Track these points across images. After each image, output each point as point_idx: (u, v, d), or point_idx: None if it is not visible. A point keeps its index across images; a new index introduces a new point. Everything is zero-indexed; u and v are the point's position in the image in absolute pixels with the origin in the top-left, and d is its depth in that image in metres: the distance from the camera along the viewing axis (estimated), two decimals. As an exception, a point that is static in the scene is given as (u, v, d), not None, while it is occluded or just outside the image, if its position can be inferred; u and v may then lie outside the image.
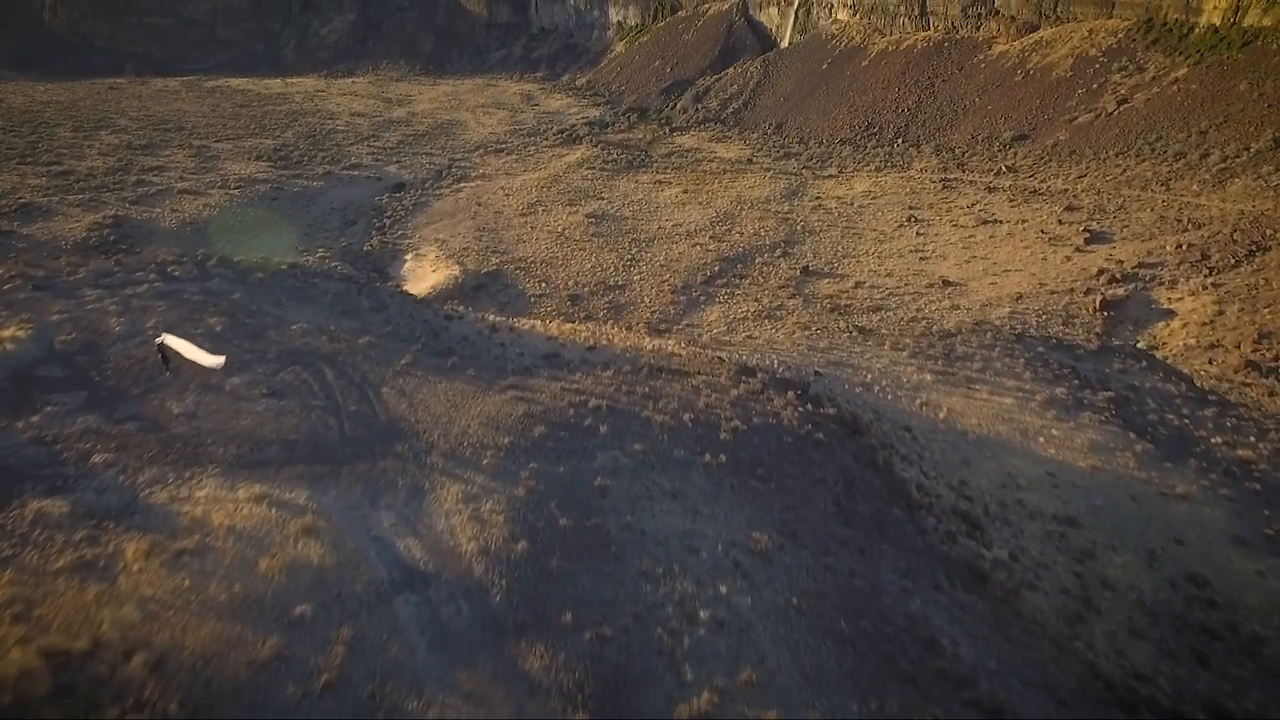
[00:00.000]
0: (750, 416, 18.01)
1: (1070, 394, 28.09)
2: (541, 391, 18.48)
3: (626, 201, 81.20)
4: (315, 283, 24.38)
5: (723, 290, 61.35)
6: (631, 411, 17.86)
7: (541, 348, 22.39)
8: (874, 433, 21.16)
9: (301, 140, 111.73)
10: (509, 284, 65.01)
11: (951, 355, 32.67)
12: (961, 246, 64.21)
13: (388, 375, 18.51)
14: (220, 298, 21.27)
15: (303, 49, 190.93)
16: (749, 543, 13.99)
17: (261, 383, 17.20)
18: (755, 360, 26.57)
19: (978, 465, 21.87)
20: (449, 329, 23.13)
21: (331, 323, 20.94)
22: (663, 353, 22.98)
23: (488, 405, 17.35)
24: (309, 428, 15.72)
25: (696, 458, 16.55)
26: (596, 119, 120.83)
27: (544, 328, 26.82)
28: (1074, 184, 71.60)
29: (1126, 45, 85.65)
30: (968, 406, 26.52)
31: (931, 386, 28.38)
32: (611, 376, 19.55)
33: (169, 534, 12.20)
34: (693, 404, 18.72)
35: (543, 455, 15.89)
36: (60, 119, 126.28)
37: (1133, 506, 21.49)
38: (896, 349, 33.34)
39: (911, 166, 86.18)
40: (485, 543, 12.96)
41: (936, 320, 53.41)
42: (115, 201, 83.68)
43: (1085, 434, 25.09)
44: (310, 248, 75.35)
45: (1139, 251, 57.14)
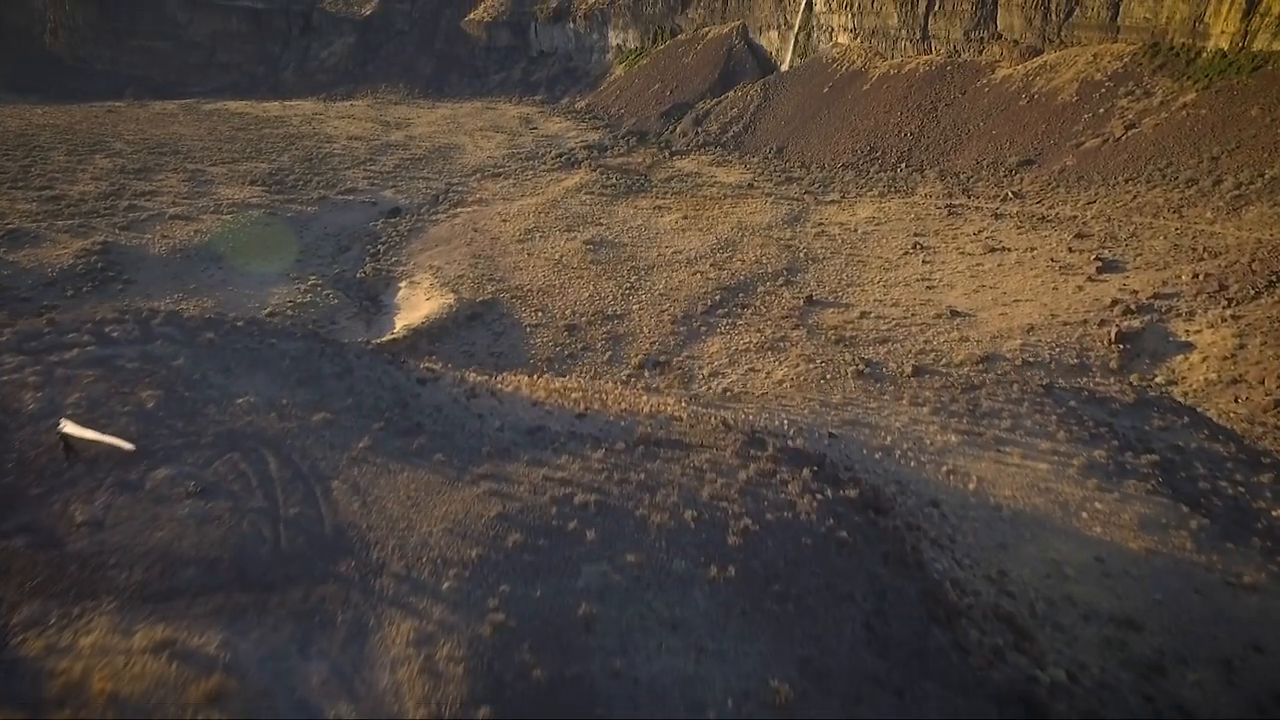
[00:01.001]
0: (762, 511, 15.83)
1: (1110, 457, 26.00)
2: (520, 483, 16.39)
3: (625, 228, 79.59)
4: (273, 344, 22.32)
5: (724, 320, 59.53)
6: (624, 508, 15.76)
7: (525, 417, 20.41)
8: (899, 511, 19.16)
9: (297, 164, 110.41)
10: (505, 313, 63.21)
11: (977, 411, 30.44)
12: (969, 275, 62.41)
13: (341, 463, 16.38)
14: (160, 364, 19.26)
15: (302, 72, 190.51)
16: (766, 693, 11.83)
17: (190, 477, 15.10)
18: (764, 421, 24.58)
19: (1017, 549, 19.77)
20: (420, 397, 21.05)
21: (285, 394, 18.88)
22: (661, 417, 21.03)
23: (455, 503, 15.28)
24: (237, 540, 13.56)
25: (701, 570, 14.31)
26: (595, 142, 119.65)
27: (530, 389, 24.78)
28: (1083, 211, 69.91)
29: (1132, 69, 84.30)
30: (999, 474, 24.43)
31: (957, 450, 26.29)
32: (602, 458, 17.48)
33: (30, 709, 9.89)
34: (695, 494, 16.67)
35: (517, 573, 13.75)
36: (55, 142, 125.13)
37: (1197, 601, 19.08)
38: (916, 403, 31.19)
39: (916, 192, 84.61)
40: (438, 708, 10.80)
41: (945, 353, 51.63)
42: (105, 227, 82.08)
43: (1132, 507, 22.92)
44: (302, 274, 73.68)
45: (1153, 281, 55.29)
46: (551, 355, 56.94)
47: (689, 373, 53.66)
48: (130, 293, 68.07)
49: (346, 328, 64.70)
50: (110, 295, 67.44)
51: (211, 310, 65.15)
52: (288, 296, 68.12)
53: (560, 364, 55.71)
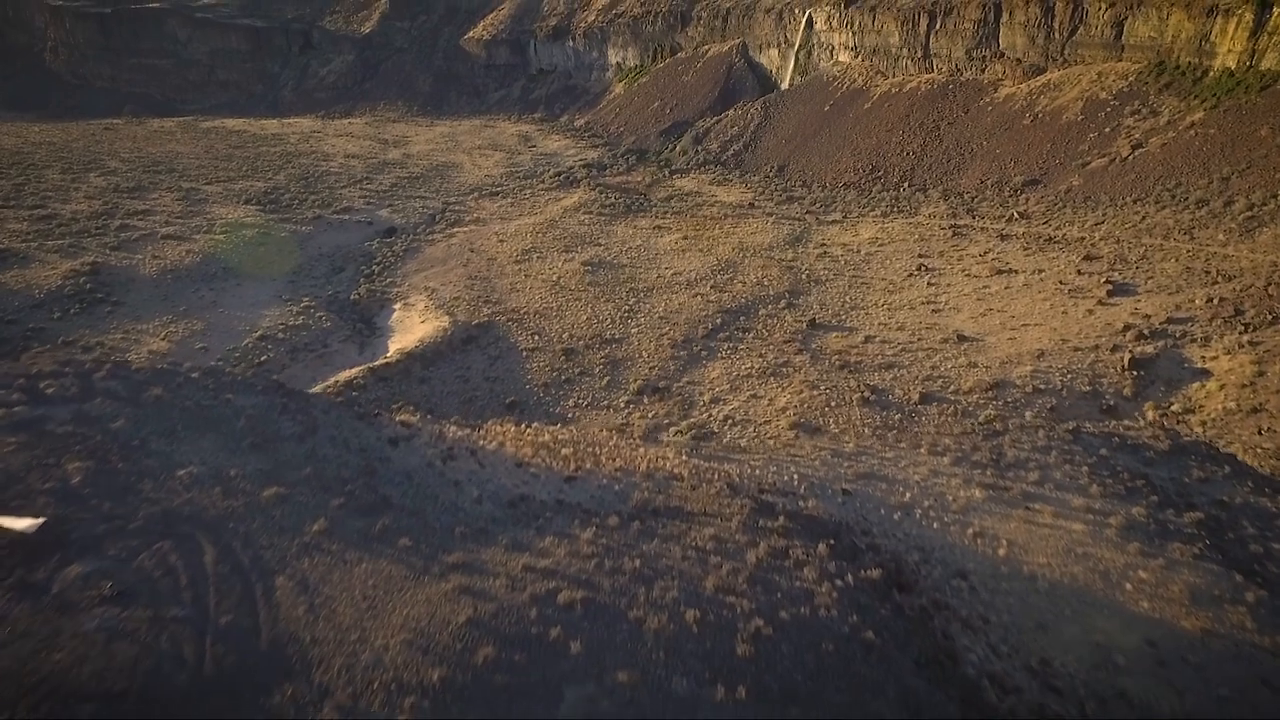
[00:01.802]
0: (776, 606, 13.88)
1: (1150, 515, 24.22)
2: (496, 575, 14.41)
3: (624, 248, 78.30)
4: (229, 400, 20.44)
5: (725, 345, 58.04)
6: (616, 608, 13.71)
7: (507, 483, 18.60)
8: (924, 586, 17.47)
9: (293, 183, 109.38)
10: (500, 336, 61.72)
11: (1001, 461, 28.55)
12: (976, 298, 61.02)
13: (290, 553, 14.29)
14: (96, 428, 17.31)
15: (301, 90, 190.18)
16: None
17: (107, 575, 12.89)
18: (772, 477, 22.85)
19: (1058, 630, 18.01)
20: (391, 461, 19.12)
21: (235, 463, 17.01)
22: (660, 476, 19.37)
23: (419, 604, 13.25)
24: (152, 663, 11.40)
25: (706, 691, 12.10)
26: (595, 161, 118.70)
27: (515, 444, 22.96)
28: (1091, 232, 68.62)
29: (1138, 88, 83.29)
30: (1031, 536, 22.70)
31: (983, 507, 24.58)
32: (592, 538, 15.61)
33: None
34: (699, 586, 14.65)
35: (487, 700, 11.62)
36: (50, 160, 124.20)
37: (1269, 698, 17.27)
38: (935, 452, 29.34)
39: (919, 212, 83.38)
40: None
41: (953, 379, 50.12)
42: (96, 248, 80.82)
43: (1180, 576, 21.01)
44: (295, 296, 72.28)
45: (1166, 305, 53.87)
46: (548, 381, 55.39)
47: (689, 400, 52.10)
48: (118, 315, 66.70)
49: (339, 351, 63.26)
50: (98, 318, 66.07)
51: (200, 334, 64.01)
52: (280, 318, 66.69)
53: (557, 389, 54.22)
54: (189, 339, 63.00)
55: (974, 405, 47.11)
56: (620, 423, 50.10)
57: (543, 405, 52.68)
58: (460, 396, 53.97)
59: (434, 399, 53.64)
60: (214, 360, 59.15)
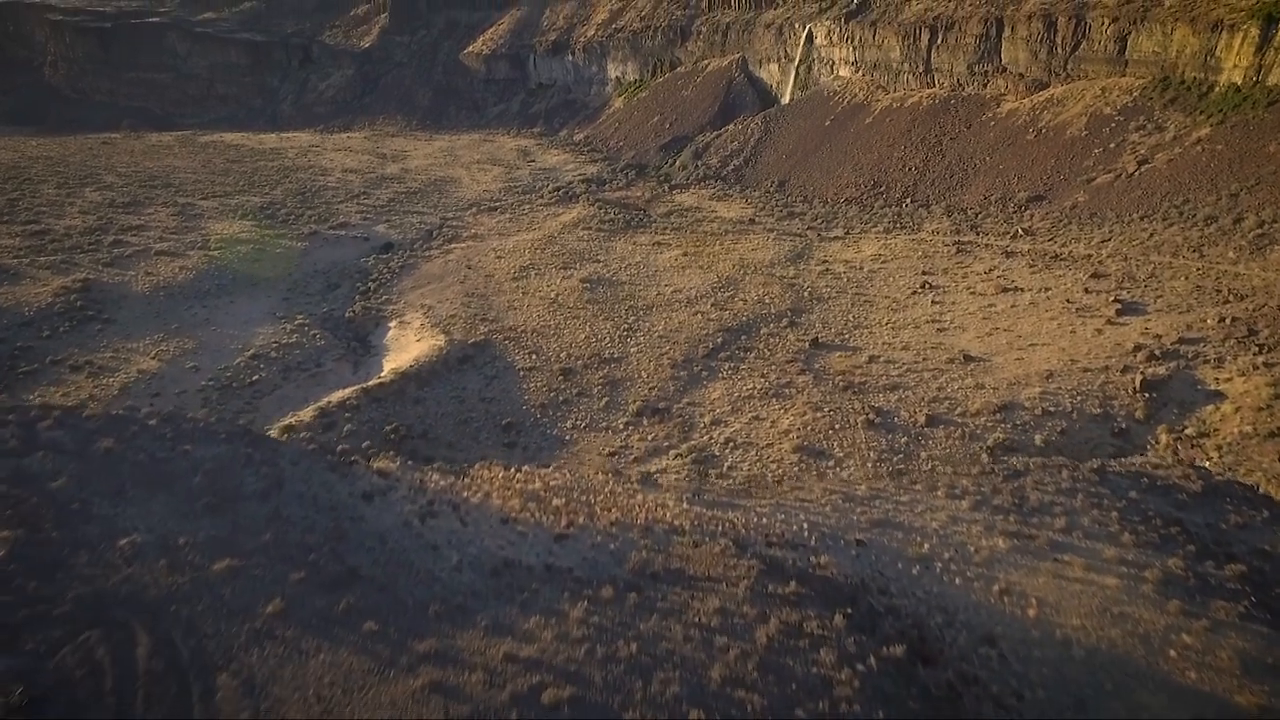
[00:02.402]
0: (791, 703, 12.28)
1: (1188, 567, 22.67)
2: (473, 668, 12.82)
3: (624, 265, 77.25)
4: (186, 451, 18.65)
5: (726, 364, 56.86)
6: (608, 709, 12.11)
7: (491, 545, 17.05)
8: (950, 655, 16.12)
9: (290, 198, 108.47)
10: (497, 355, 60.56)
11: (1024, 506, 26.99)
12: (982, 317, 59.88)
13: (239, 642, 12.61)
14: (31, 488, 15.52)
15: (300, 104, 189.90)
16: None
17: (20, 677, 11.06)
18: (780, 526, 21.52)
19: (1099, 707, 16.51)
20: (363, 521, 17.40)
21: (186, 528, 15.36)
22: (660, 531, 18.08)
23: (383, 708, 11.74)
24: None
25: None
26: (594, 176, 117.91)
27: (502, 494, 21.48)
28: (1098, 249, 67.55)
29: (1143, 104, 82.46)
30: (1062, 594, 21.20)
31: (1008, 559, 23.08)
32: (584, 615, 14.15)
33: None
34: (703, 677, 13.15)
35: None
36: (46, 175, 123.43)
37: None
38: (954, 495, 27.85)
39: (922, 228, 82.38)
40: None
41: (960, 401, 48.96)
42: (88, 264, 79.83)
43: (1228, 640, 19.26)
44: (289, 313, 71.19)
45: (1177, 325, 52.70)
46: (545, 401, 54.19)
47: (689, 421, 50.88)
48: (109, 333, 65.59)
49: (333, 370, 62.08)
50: (88, 336, 64.97)
51: (191, 352, 62.81)
52: (273, 336, 65.56)
53: (555, 410, 53.04)
54: (180, 358, 61.84)
55: (982, 428, 45.95)
56: (619, 445, 48.94)
57: (539, 427, 51.50)
58: (455, 418, 52.77)
59: (428, 420, 52.47)
60: (205, 380, 58.05)
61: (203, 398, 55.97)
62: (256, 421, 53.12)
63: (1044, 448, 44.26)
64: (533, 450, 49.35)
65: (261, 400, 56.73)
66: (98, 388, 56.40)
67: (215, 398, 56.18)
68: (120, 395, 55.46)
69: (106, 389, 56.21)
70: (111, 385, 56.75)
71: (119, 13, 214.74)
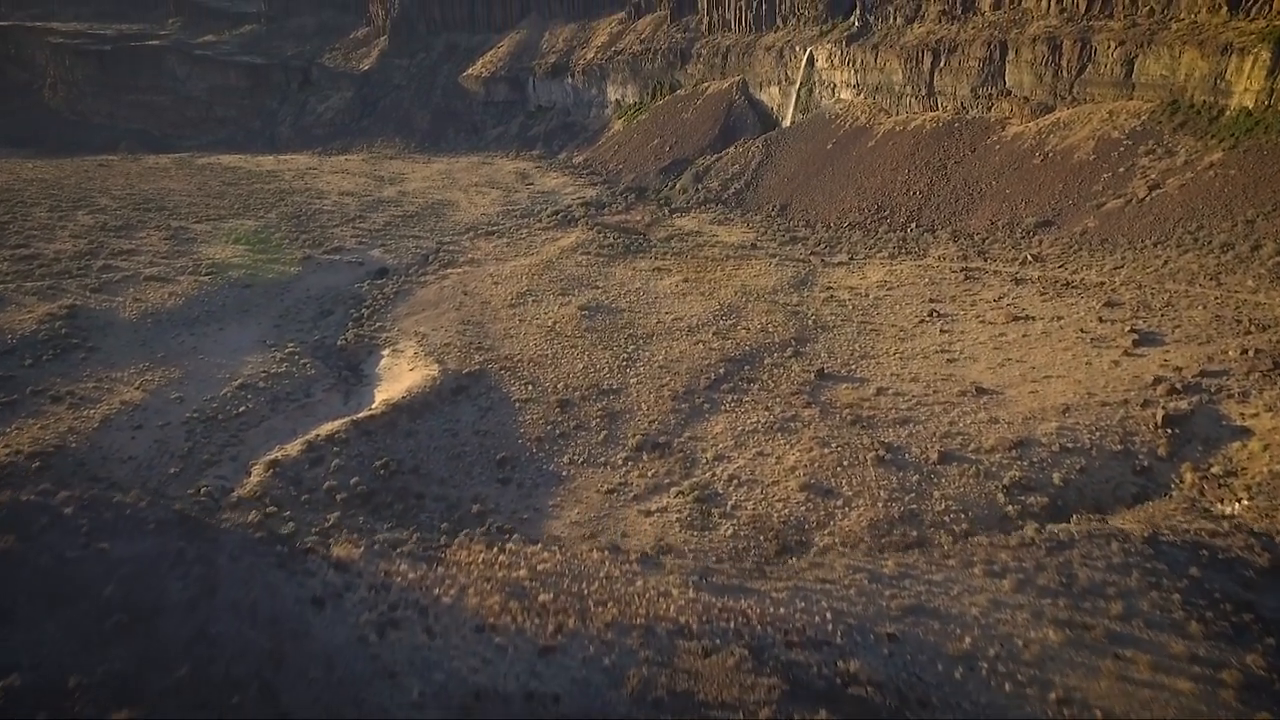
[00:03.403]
0: None
1: (1270, 667, 19.91)
2: None
3: (623, 291, 75.43)
4: (103, 549, 15.52)
5: (728, 396, 54.89)
6: None
7: (463, 670, 14.56)
8: None
9: (285, 221, 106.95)
10: (493, 386, 58.60)
11: (1073, 585, 24.24)
12: (993, 347, 57.97)
13: None
14: None
15: (299, 126, 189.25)
16: None
17: None
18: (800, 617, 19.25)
19: None
20: (309, 638, 14.38)
21: (84, 661, 12.36)
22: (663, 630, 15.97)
23: None
24: None
25: None
26: (593, 199, 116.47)
27: (479, 595, 18.79)
28: (1110, 276, 65.76)
29: (1152, 127, 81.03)
30: (1130, 703, 18.45)
31: (1062, 656, 20.50)
32: None
33: None
34: None
35: None
36: (40, 198, 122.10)
37: None
38: (993, 573, 25.19)
39: (928, 254, 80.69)
40: None
41: (974, 436, 47.01)
42: (76, 289, 78.10)
43: None
44: (280, 341, 69.28)
45: (1198, 357, 50.77)
46: (542, 435, 52.20)
47: (691, 457, 48.88)
48: (92, 362, 63.64)
49: (323, 401, 60.06)
50: (71, 365, 63.00)
51: (177, 382, 60.77)
52: (262, 365, 63.62)
53: (551, 444, 51.04)
54: (165, 388, 59.86)
55: (997, 465, 43.96)
56: (618, 481, 46.92)
57: (535, 462, 49.49)
58: (448, 452, 50.77)
59: (420, 454, 50.47)
60: (190, 411, 56.03)
61: (186, 430, 53.93)
62: (242, 455, 51.22)
63: (1062, 487, 42.26)
64: (528, 487, 47.34)
65: (248, 432, 54.70)
66: (78, 420, 54.38)
67: (200, 430, 54.13)
68: (101, 428, 53.46)
69: (87, 421, 54.18)
70: (92, 417, 54.72)
71: (119, 35, 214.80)
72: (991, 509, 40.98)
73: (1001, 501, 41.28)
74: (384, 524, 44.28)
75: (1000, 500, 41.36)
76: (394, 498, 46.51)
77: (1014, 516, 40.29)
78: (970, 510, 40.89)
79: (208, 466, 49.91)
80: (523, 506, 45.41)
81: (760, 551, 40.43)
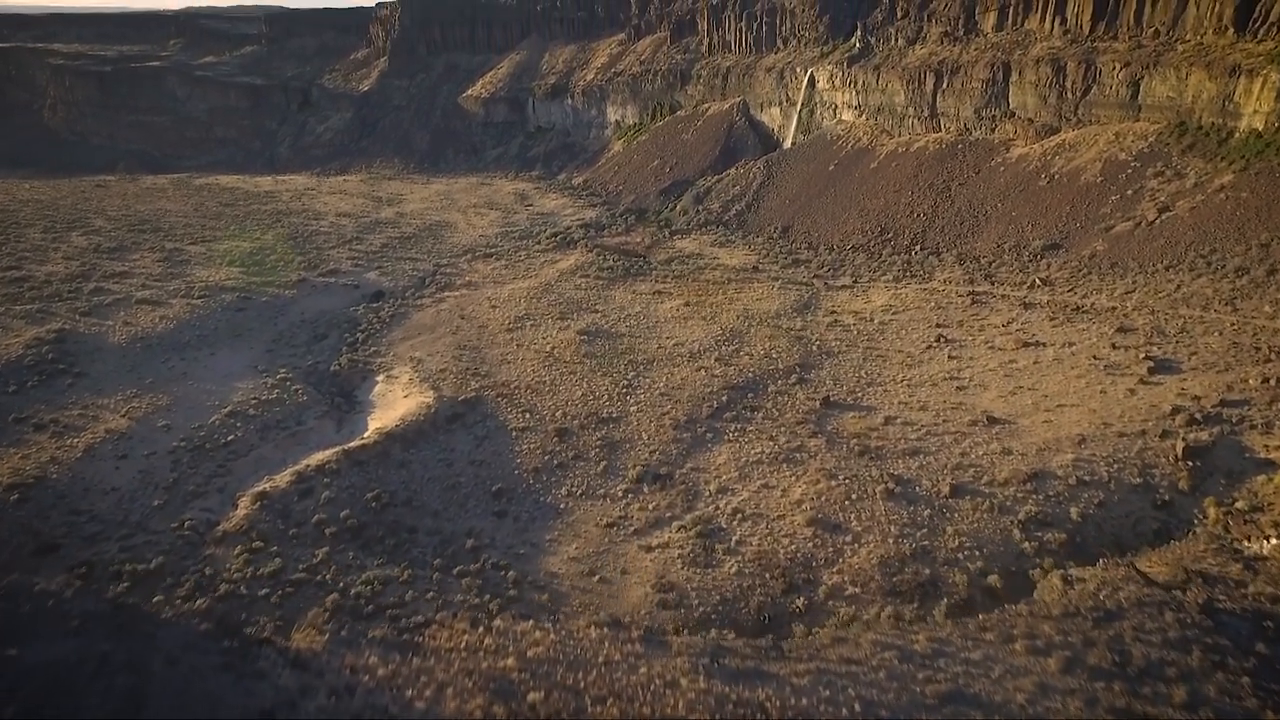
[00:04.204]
0: None
1: None
2: None
3: (623, 315, 73.92)
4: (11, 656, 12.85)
5: (732, 425, 53.24)
6: None
7: None
8: None
9: (280, 243, 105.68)
10: (489, 414, 56.96)
11: (1128, 665, 21.57)
12: (1003, 374, 56.38)
13: None
14: None
15: (298, 147, 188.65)
16: None
17: None
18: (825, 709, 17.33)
19: None
20: None
21: None
22: None
23: None
24: None
25: None
26: (592, 220, 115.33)
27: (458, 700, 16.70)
28: (1122, 301, 64.29)
29: (1159, 149, 79.87)
30: None
31: None
32: None
33: None
34: None
35: None
36: (35, 218, 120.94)
37: None
38: (1036, 649, 22.62)
39: (934, 277, 79.25)
40: None
41: (986, 469, 45.30)
42: (66, 313, 76.61)
43: None
44: (272, 366, 67.74)
45: (1216, 385, 49.18)
46: (539, 465, 50.55)
47: (693, 489, 47.21)
48: (79, 388, 62.03)
49: (315, 429, 58.40)
50: (57, 391, 61.40)
51: (164, 410, 59.08)
52: (253, 392, 62.03)
53: (549, 475, 49.38)
54: (152, 415, 58.25)
55: (1012, 499, 42.30)
56: (618, 515, 45.23)
57: (532, 494, 47.79)
58: (443, 483, 49.09)
59: (413, 486, 48.78)
60: (177, 440, 54.38)
61: (173, 460, 52.26)
62: (230, 486, 49.51)
63: (1080, 523, 40.59)
64: (524, 521, 45.64)
65: (236, 462, 53.04)
66: (60, 449, 52.71)
67: (186, 460, 52.46)
68: (84, 458, 51.79)
69: (70, 451, 52.50)
70: (76, 446, 53.05)
71: (120, 56, 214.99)
72: (1007, 546, 39.34)
73: (1017, 538, 39.62)
74: (374, 559, 42.65)
75: (1016, 537, 39.70)
76: (385, 531, 44.81)
77: (1031, 554, 38.69)
78: (985, 547, 39.26)
79: (193, 498, 48.23)
80: (519, 541, 43.71)
81: (766, 590, 38.85)
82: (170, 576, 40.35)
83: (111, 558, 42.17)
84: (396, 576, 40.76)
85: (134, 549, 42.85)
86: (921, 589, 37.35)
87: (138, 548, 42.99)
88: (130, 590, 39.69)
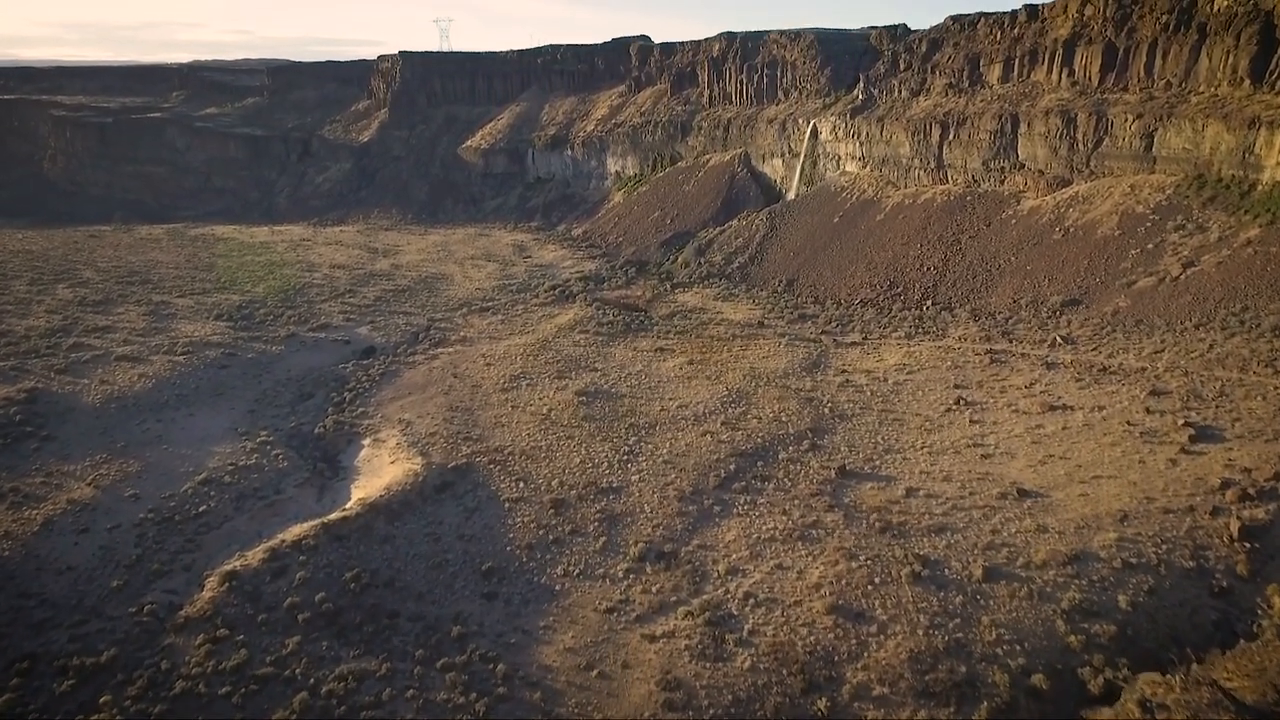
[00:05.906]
0: None
1: None
2: None
3: (623, 374, 70.48)
4: None
5: (741, 497, 49.53)
6: None
7: None
8: None
9: (271, 296, 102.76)
10: (480, 483, 53.30)
11: None
12: (1030, 441, 52.78)
13: None
14: None
15: (296, 197, 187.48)
16: None
17: None
18: None
19: None
20: None
21: None
22: None
23: None
24: None
25: None
26: (592, 272, 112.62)
27: None
28: (1152, 361, 60.92)
29: (1179, 202, 77.39)
30: None
31: None
32: None
33: None
34: None
35: None
36: (22, 270, 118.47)
37: None
38: None
39: (948, 334, 76.02)
40: None
41: (1021, 549, 41.61)
42: (40, 370, 73.29)
43: None
44: (253, 428, 64.24)
45: (1268, 456, 45.58)
46: (533, 541, 46.81)
47: (700, 569, 43.38)
48: (45, 453, 58.48)
49: (294, 498, 54.73)
50: (21, 456, 57.86)
51: (134, 477, 55.39)
52: (230, 457, 58.48)
53: (543, 552, 45.62)
54: (120, 483, 54.59)
55: (1052, 584, 38.47)
56: (618, 598, 41.36)
57: (526, 573, 43.95)
58: (429, 560, 45.27)
59: (397, 564, 44.97)
60: (144, 511, 50.68)
61: (138, 534, 48.57)
62: (197, 564, 45.63)
63: (1131, 612, 36.75)
64: (516, 604, 41.81)
65: (207, 536, 49.34)
66: (16, 522, 48.99)
67: (153, 534, 48.78)
68: (41, 531, 48.05)
69: (26, 524, 48.78)
70: (33, 519, 49.34)
71: (122, 108, 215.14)
72: (1051, 639, 35.52)
73: (1062, 630, 35.81)
74: (350, 650, 38.83)
75: (1060, 629, 35.88)
76: (364, 617, 40.98)
77: (1078, 649, 34.91)
78: (1026, 641, 35.47)
79: (156, 578, 44.45)
80: (510, 628, 39.89)
81: (784, 690, 34.86)
82: (122, 672, 36.68)
83: (59, 649, 38.41)
84: (374, 670, 36.98)
85: (85, 638, 39.09)
86: (958, 689, 33.59)
87: (89, 637, 39.21)
88: (75, 689, 35.89)
